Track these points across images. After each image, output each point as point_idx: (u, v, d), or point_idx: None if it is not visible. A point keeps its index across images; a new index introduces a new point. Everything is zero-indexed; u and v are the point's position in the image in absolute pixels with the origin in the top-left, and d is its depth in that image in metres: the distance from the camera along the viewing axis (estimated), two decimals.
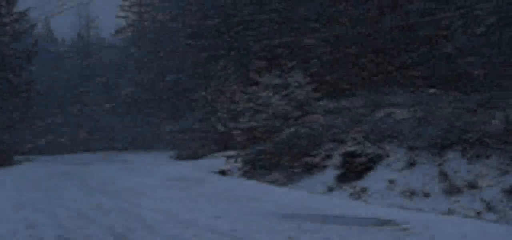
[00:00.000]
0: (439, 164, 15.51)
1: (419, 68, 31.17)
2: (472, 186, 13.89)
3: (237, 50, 38.28)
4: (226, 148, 28.37)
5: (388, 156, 17.73)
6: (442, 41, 31.38)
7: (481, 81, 29.16)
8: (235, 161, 24.15)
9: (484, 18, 31.28)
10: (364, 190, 16.35)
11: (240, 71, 35.23)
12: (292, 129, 21.17)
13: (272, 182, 20.01)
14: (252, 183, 19.98)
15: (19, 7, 39.66)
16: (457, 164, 15.12)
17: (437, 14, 31.10)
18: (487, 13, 31.19)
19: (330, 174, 18.64)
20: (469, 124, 15.94)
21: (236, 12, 39.53)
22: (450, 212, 13.10)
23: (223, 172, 23.88)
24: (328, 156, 19.83)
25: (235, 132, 24.45)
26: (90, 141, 52.36)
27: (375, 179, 16.76)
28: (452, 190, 14.11)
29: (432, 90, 22.25)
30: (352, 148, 18.12)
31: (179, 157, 34.55)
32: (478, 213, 12.80)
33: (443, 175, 14.90)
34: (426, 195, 14.55)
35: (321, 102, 24.01)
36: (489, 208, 12.79)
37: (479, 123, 15.72)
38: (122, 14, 56.67)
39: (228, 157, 24.93)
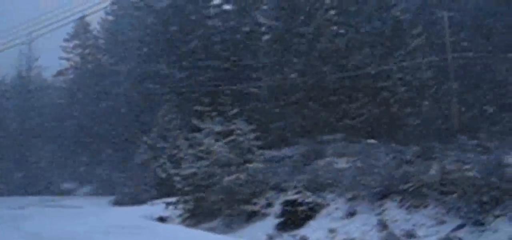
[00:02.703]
0: (378, 214, 15.66)
1: (359, 119, 31.74)
2: (410, 235, 14.03)
3: (180, 95, 38.13)
4: (166, 195, 27.86)
5: (328, 205, 17.80)
6: (381, 92, 32.13)
7: (418, 132, 29.94)
8: (175, 208, 23.74)
9: (422, 72, 32.35)
10: (304, 239, 16.29)
11: (183, 117, 35.03)
12: (234, 177, 21.02)
13: (212, 229, 19.74)
14: (192, 231, 19.64)
15: None
16: (395, 214, 15.29)
17: (377, 67, 31.92)
18: (425, 67, 32.28)
19: (270, 223, 18.53)
20: (407, 174, 16.22)
21: (180, 58, 39.55)
22: None
23: (162, 219, 23.41)
24: (269, 205, 19.77)
25: (176, 178, 24.07)
26: (26, 185, 50.62)
27: (315, 228, 16.75)
28: (390, 239, 14.23)
29: (371, 140, 22.63)
30: (293, 197, 18.10)
31: (118, 203, 33.75)
32: None
33: (382, 225, 15.03)
34: None
35: (263, 150, 24.02)
36: None
37: (417, 173, 16.02)
38: (65, 55, 55.85)
39: (168, 203, 24.47)
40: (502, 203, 13.22)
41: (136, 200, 32.08)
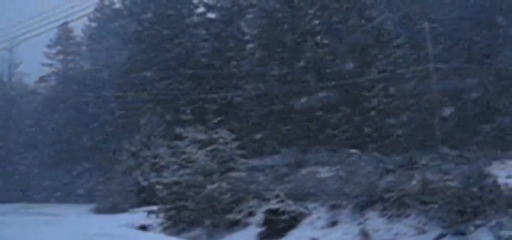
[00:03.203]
0: (360, 223, 15.65)
1: (342, 128, 31.81)
2: None
3: (163, 103, 37.99)
4: (147, 203, 27.67)
5: (310, 214, 17.77)
6: (364, 102, 32.26)
7: (401, 142, 30.07)
8: (157, 217, 23.56)
9: (404, 82, 32.52)
10: None
11: (165, 125, 34.87)
12: (216, 186, 20.94)
13: (194, 238, 19.64)
14: (173, 239, 19.50)
15: None
16: (377, 223, 15.30)
17: (360, 76, 32.06)
18: (407, 78, 32.46)
19: (252, 232, 18.45)
20: (389, 184, 16.24)
21: (163, 66, 39.44)
22: None
23: (144, 228, 23.22)
24: (251, 214, 19.69)
25: (157, 186, 23.91)
26: (6, 192, 49.90)
27: (297, 237, 16.71)
28: None
29: (354, 150, 22.66)
30: (275, 206, 18.04)
31: (100, 211, 33.43)
32: None
33: (364, 234, 15.03)
34: None
35: (245, 159, 23.97)
36: None
37: (399, 183, 16.05)
38: (47, 61, 55.40)
39: (150, 212, 24.28)
40: (482, 213, 13.28)
41: (117, 208, 31.79)
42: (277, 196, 18.53)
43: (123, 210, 30.69)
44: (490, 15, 34.22)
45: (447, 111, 31.45)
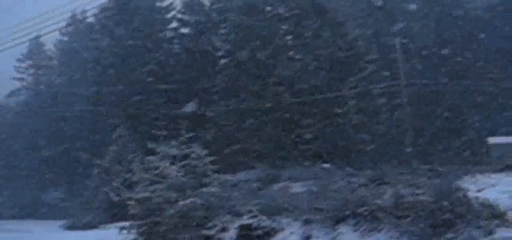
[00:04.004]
0: (333, 238, 15.65)
1: (315, 143, 31.91)
2: None
3: (135, 118, 37.73)
4: (119, 219, 27.33)
5: (284, 229, 17.72)
6: (336, 117, 32.43)
7: (373, 156, 30.28)
8: (129, 233, 23.26)
9: (375, 97, 32.82)
10: None
11: (138, 140, 34.60)
12: (189, 201, 20.76)
13: None
14: None
15: None
16: (350, 238, 15.31)
17: (332, 92, 32.23)
18: (378, 93, 32.77)
19: None
20: (362, 198, 16.29)
21: (136, 80, 39.19)
22: None
23: None
24: (224, 229, 19.55)
25: (129, 202, 23.62)
26: None
27: None
28: None
29: (326, 165, 22.73)
30: (249, 221, 17.97)
31: (71, 227, 32.99)
32: None
33: None
34: None
35: (218, 174, 23.83)
36: None
37: (371, 198, 16.10)
38: (18, 75, 54.72)
39: (122, 228, 23.96)
40: (454, 227, 13.40)
41: (88, 224, 31.43)
42: (250, 211, 18.46)
43: (94, 226, 30.35)
44: (462, 33, 34.78)
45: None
